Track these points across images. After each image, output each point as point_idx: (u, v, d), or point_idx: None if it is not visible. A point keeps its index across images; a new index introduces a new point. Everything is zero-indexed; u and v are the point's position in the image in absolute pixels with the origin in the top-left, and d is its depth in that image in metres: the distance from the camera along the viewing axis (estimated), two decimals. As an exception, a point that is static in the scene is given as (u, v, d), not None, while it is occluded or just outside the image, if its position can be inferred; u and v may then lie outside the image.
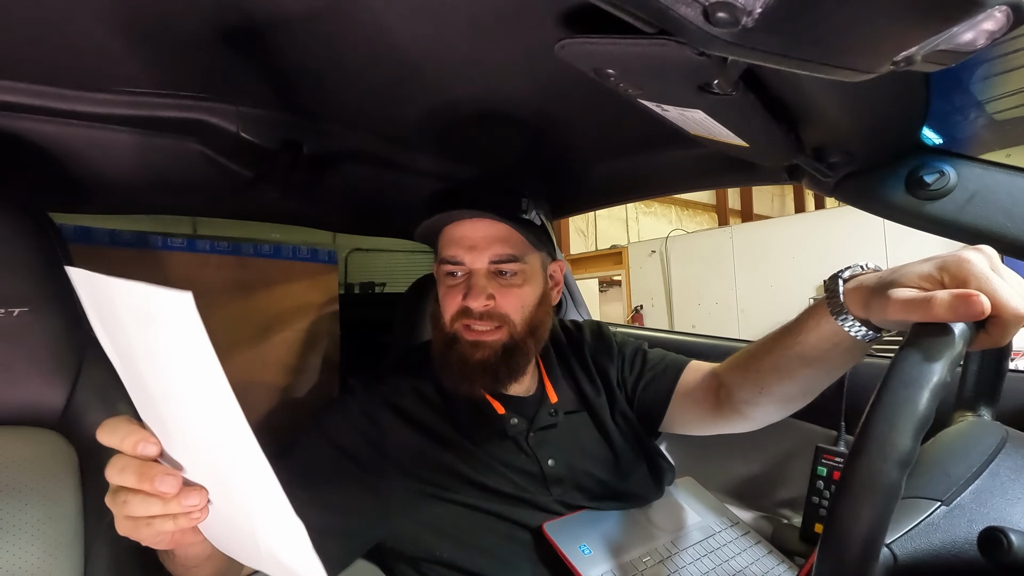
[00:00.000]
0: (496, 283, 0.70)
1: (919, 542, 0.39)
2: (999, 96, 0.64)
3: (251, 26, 0.51)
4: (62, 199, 0.81)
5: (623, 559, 0.65)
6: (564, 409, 0.76)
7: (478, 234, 0.69)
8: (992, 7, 0.29)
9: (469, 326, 0.69)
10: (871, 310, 0.49)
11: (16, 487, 0.55)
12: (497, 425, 0.71)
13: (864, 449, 0.35)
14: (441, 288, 0.73)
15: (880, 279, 0.49)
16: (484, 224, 0.69)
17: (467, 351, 0.69)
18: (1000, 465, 0.45)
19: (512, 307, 0.70)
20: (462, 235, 0.70)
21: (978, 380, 0.59)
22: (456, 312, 0.70)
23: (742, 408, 0.67)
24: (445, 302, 0.72)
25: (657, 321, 4.81)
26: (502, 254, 0.69)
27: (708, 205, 6.89)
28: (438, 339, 0.73)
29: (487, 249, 0.69)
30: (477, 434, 0.70)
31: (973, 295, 0.39)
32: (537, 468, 0.70)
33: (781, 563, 0.70)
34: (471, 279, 0.69)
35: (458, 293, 0.70)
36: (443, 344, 0.71)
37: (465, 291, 0.69)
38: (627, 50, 0.42)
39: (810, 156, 0.67)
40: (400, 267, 4.12)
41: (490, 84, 0.65)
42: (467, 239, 0.69)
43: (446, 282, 0.72)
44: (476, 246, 0.69)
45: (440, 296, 0.73)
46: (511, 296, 0.70)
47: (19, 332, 0.57)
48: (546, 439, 0.73)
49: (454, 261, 0.70)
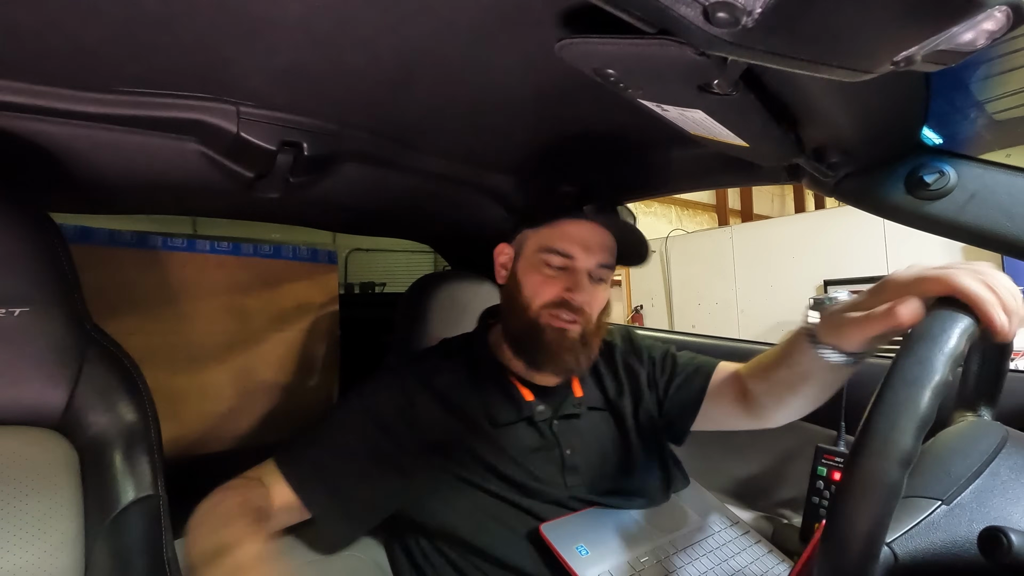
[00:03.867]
0: (590, 284, 0.76)
1: (919, 541, 0.39)
2: (999, 96, 0.64)
3: (251, 26, 0.51)
4: (62, 199, 0.81)
5: (621, 559, 0.65)
6: (588, 404, 0.81)
7: (595, 239, 0.75)
8: (992, 7, 0.29)
9: (558, 315, 0.74)
10: (839, 337, 0.58)
11: (16, 487, 0.55)
12: (524, 411, 0.76)
13: (865, 448, 0.35)
14: (536, 275, 0.76)
15: (843, 306, 0.56)
16: (598, 230, 0.76)
17: (556, 337, 0.74)
18: (1000, 465, 0.45)
19: (596, 306, 0.77)
20: (580, 234, 0.75)
21: (978, 380, 0.59)
22: (551, 300, 0.74)
23: (765, 413, 0.74)
24: (541, 288, 0.75)
25: (657, 321, 4.80)
26: (606, 261, 0.76)
27: (708, 205, 6.88)
28: (518, 322, 0.76)
29: (598, 253, 0.75)
30: (504, 418, 0.75)
31: (900, 301, 0.48)
32: (557, 455, 0.74)
33: (781, 562, 0.70)
34: (575, 275, 0.74)
35: (557, 283, 0.75)
36: (525, 328, 0.75)
37: (569, 284, 0.74)
38: (627, 50, 0.42)
39: (810, 156, 0.67)
40: (400, 267, 4.13)
41: (490, 84, 0.65)
42: (584, 239, 0.75)
43: (544, 270, 0.76)
44: (591, 248, 0.75)
45: (533, 282, 0.76)
46: (598, 298, 0.77)
47: (19, 332, 0.57)
48: (568, 428, 0.77)
49: (566, 254, 0.74)
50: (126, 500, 0.58)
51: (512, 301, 0.78)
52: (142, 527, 0.58)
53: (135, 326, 1.00)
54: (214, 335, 1.10)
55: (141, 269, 1.03)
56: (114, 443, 0.60)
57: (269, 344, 1.17)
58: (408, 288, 1.08)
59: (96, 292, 0.91)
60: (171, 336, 1.05)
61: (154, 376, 0.68)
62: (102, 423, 0.60)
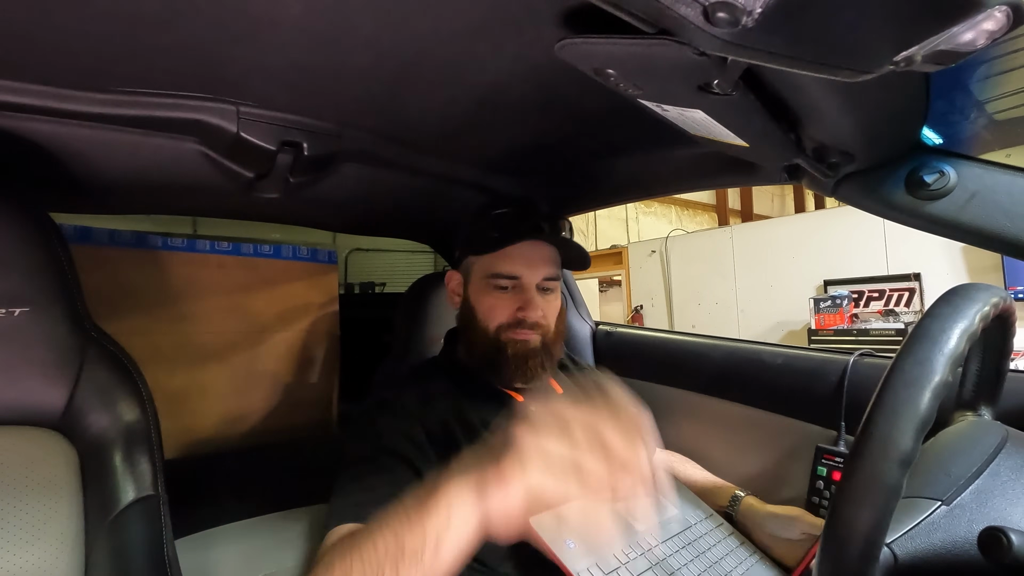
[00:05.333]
0: (540, 297, 0.80)
1: (919, 541, 0.39)
2: (999, 96, 0.65)
3: (251, 26, 0.51)
4: (62, 199, 0.81)
5: (606, 551, 0.65)
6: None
7: (537, 254, 0.80)
8: (992, 7, 0.29)
9: (516, 333, 0.78)
10: None
11: (16, 487, 0.55)
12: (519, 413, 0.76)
13: (865, 449, 0.35)
14: (487, 298, 0.80)
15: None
16: (539, 245, 0.80)
17: (516, 351, 0.78)
18: (1000, 465, 0.45)
19: (551, 315, 0.82)
20: (521, 254, 0.79)
21: (978, 380, 0.59)
22: (508, 321, 0.79)
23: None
24: (495, 311, 0.79)
25: (657, 321, 4.81)
26: (551, 273, 0.81)
27: (708, 205, 6.89)
28: (479, 345, 0.80)
29: (543, 267, 0.80)
30: (498, 420, 0.76)
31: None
32: None
33: (753, 554, 0.72)
34: (524, 293, 0.79)
35: (510, 304, 0.79)
36: (488, 349, 0.79)
37: (520, 304, 0.78)
38: (627, 50, 0.42)
39: (810, 156, 0.67)
40: (400, 267, 4.13)
41: (490, 84, 0.65)
42: (527, 258, 0.79)
43: (494, 293, 0.80)
44: (534, 264, 0.79)
45: (486, 305, 0.80)
46: (551, 308, 0.82)
47: (20, 332, 0.57)
48: None
49: (511, 276, 0.79)
50: (126, 500, 0.58)
51: (470, 324, 0.82)
52: (142, 527, 0.58)
53: (135, 326, 1.00)
54: (214, 335, 1.10)
55: (141, 269, 1.03)
56: (114, 443, 0.60)
57: (269, 344, 1.17)
58: (408, 288, 1.08)
59: (96, 292, 0.91)
60: (171, 336, 1.05)
61: (154, 376, 0.67)
62: (102, 423, 0.60)
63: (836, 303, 3.56)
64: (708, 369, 1.06)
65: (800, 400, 0.92)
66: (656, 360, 1.16)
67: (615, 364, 1.24)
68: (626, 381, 1.32)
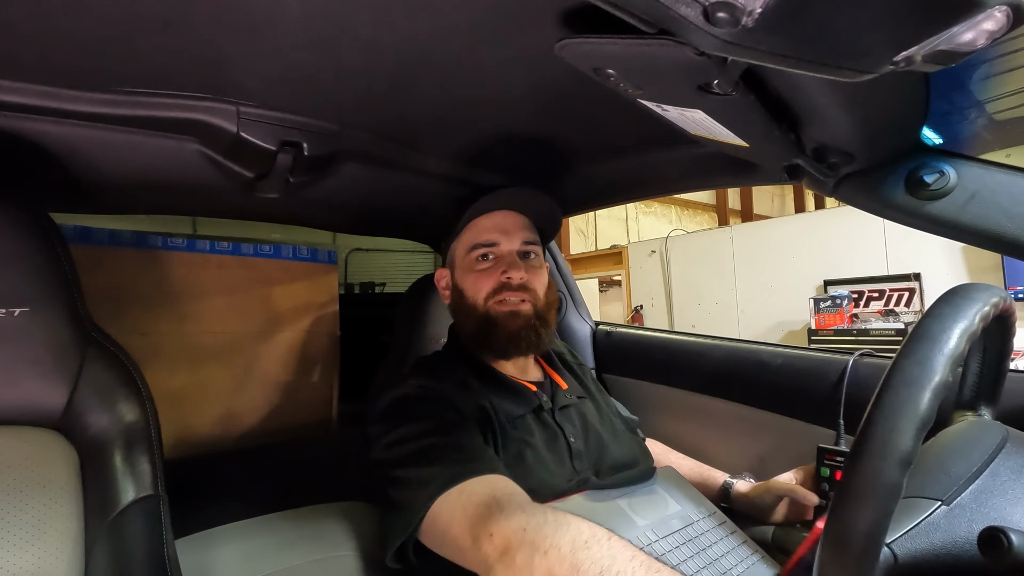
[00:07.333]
0: (524, 263, 0.81)
1: (919, 542, 0.39)
2: (999, 96, 0.64)
3: (251, 26, 0.51)
4: (62, 199, 0.81)
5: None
6: (575, 394, 0.87)
7: (510, 222, 0.82)
8: (992, 7, 0.29)
9: (504, 300, 0.79)
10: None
11: (16, 487, 0.55)
12: (533, 401, 0.79)
13: (865, 449, 0.35)
14: (471, 275, 0.82)
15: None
16: (511, 215, 0.83)
17: (507, 321, 0.79)
18: (1000, 465, 0.45)
19: (538, 283, 0.83)
20: (495, 223, 0.82)
21: (978, 380, 0.59)
22: (492, 288, 0.79)
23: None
24: (479, 283, 0.80)
25: (657, 321, 4.80)
26: (528, 238, 0.83)
27: (708, 205, 6.88)
28: (471, 322, 0.81)
29: (519, 232, 0.82)
30: (516, 411, 0.77)
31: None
32: (563, 443, 0.77)
33: (754, 553, 0.71)
34: (506, 259, 0.80)
35: (493, 272, 0.80)
36: (479, 324, 0.80)
37: (503, 268, 0.79)
38: (627, 50, 0.42)
39: (810, 156, 0.67)
40: (400, 267, 4.12)
41: (490, 84, 0.65)
42: (501, 225, 0.81)
43: (477, 267, 0.81)
44: (509, 231, 0.81)
45: (471, 281, 0.81)
46: (536, 274, 0.83)
47: (19, 332, 0.57)
48: (567, 417, 0.81)
49: (489, 244, 0.81)
50: (126, 500, 0.58)
51: (461, 307, 0.83)
52: (142, 527, 0.58)
53: (135, 326, 1.00)
54: (214, 335, 1.10)
55: (141, 269, 1.03)
56: (114, 443, 0.60)
57: (269, 344, 1.17)
58: (408, 288, 1.08)
59: (96, 292, 0.91)
60: (171, 336, 1.05)
61: (154, 376, 0.68)
62: (102, 423, 0.60)
63: (836, 303, 3.56)
64: (708, 369, 1.06)
65: (800, 400, 0.92)
66: (656, 360, 1.16)
67: (615, 364, 1.24)
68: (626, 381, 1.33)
